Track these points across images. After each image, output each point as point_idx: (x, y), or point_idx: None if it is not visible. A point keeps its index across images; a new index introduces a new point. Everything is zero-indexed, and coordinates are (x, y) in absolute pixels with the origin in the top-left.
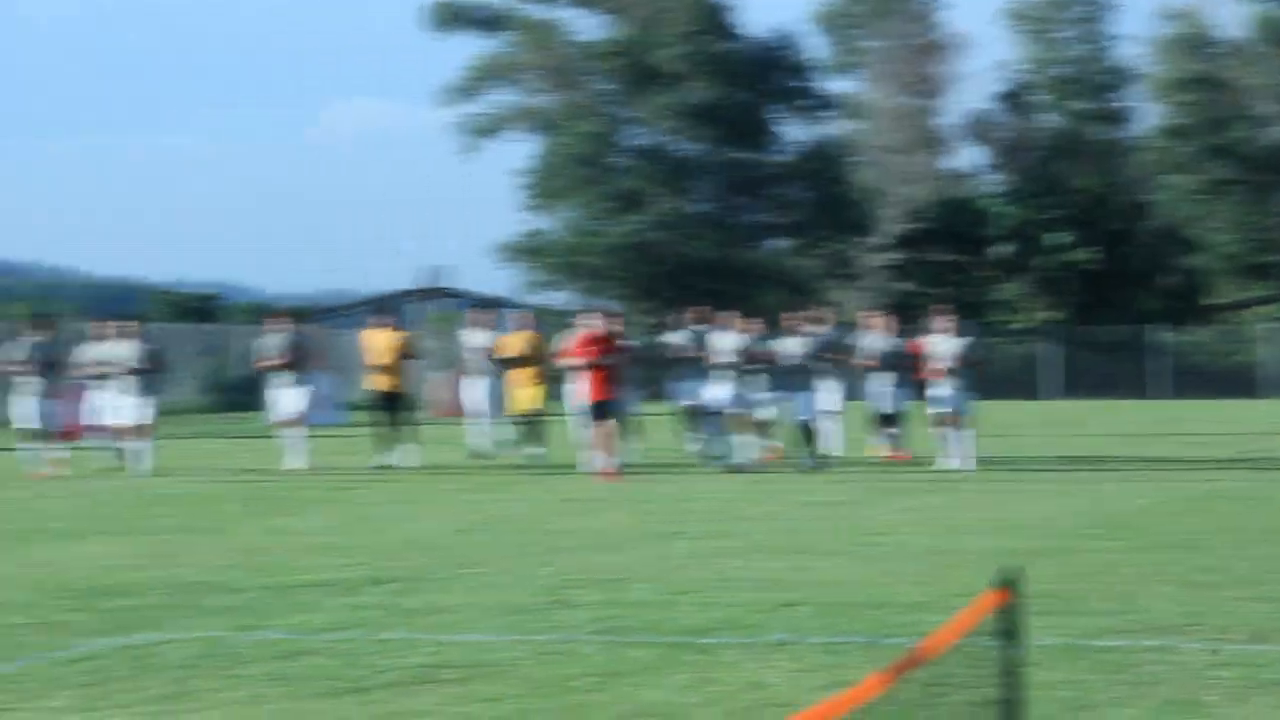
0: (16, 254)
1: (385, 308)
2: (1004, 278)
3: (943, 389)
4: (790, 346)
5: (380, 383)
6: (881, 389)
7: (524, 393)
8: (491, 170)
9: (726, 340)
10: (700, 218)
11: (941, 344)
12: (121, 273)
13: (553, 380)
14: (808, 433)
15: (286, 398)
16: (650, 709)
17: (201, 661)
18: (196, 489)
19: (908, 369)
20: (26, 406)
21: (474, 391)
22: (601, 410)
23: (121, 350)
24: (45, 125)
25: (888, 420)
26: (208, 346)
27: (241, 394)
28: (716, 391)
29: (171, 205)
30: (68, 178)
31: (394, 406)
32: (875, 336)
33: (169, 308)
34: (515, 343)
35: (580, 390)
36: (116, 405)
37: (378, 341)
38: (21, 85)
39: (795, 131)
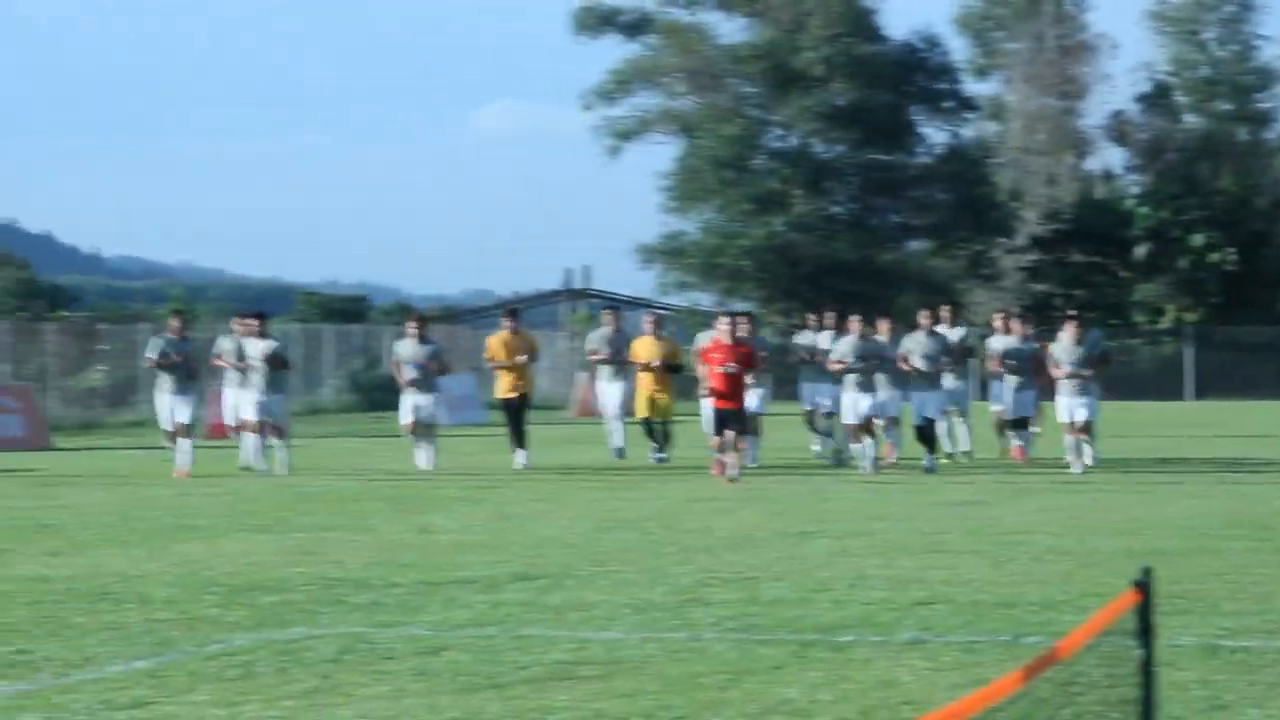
0: (168, 256)
1: (513, 312)
2: (1142, 279)
3: (1066, 395)
4: (912, 345)
5: (504, 387)
6: (1009, 391)
7: (651, 397)
8: (634, 172)
9: (847, 345)
10: (840, 219)
11: (1065, 350)
12: (272, 274)
13: (685, 381)
14: (928, 433)
15: (413, 403)
16: (782, 706)
17: (345, 657)
18: (340, 487)
19: (1035, 371)
20: (163, 404)
21: (606, 393)
22: (725, 418)
23: (250, 348)
24: (199, 130)
25: (1018, 422)
26: (353, 347)
27: (385, 393)
28: (840, 396)
29: (322, 207)
30: (220, 180)
31: (518, 409)
32: (1006, 338)
33: (317, 309)
34: (643, 349)
35: (708, 395)
36: (248, 403)
37: (501, 345)
38: (174, 91)
39: (936, 133)
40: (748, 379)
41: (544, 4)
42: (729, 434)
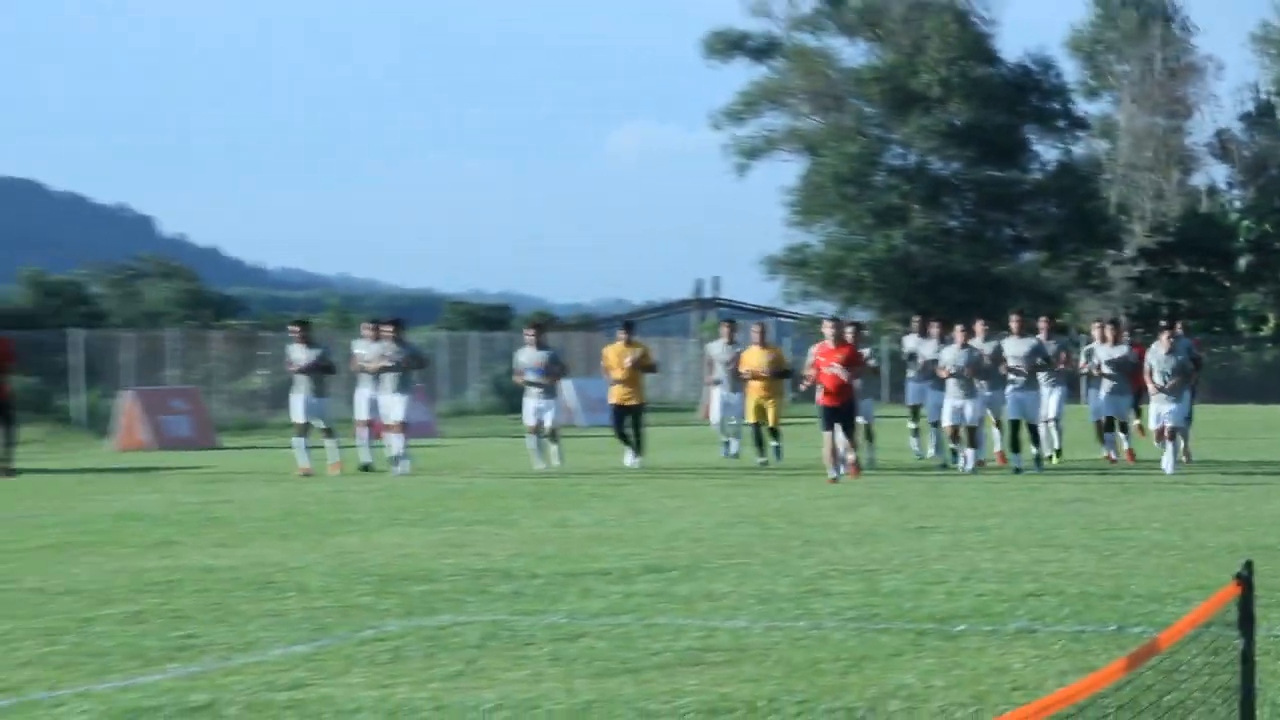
0: (327, 268)
1: (628, 325)
2: (1244, 288)
3: (1157, 403)
4: (1012, 349)
5: (617, 394)
6: (1103, 395)
7: (759, 403)
8: (761, 188)
9: (949, 354)
10: (956, 232)
11: (1158, 359)
12: (422, 285)
13: (795, 388)
14: (1022, 434)
15: (534, 406)
16: (899, 691)
17: (488, 643)
18: (484, 484)
19: (1130, 376)
20: (296, 403)
21: (717, 400)
22: (833, 415)
23: (381, 350)
24: (358, 153)
25: (1111, 425)
26: (496, 353)
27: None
28: (941, 401)
29: (469, 222)
30: (376, 199)
31: (631, 415)
32: (1102, 346)
33: (463, 317)
34: (752, 357)
35: (817, 397)
36: (379, 403)
37: (615, 355)
38: (337, 117)
39: (1048, 151)
40: (857, 384)
41: (676, 30)
42: (838, 430)
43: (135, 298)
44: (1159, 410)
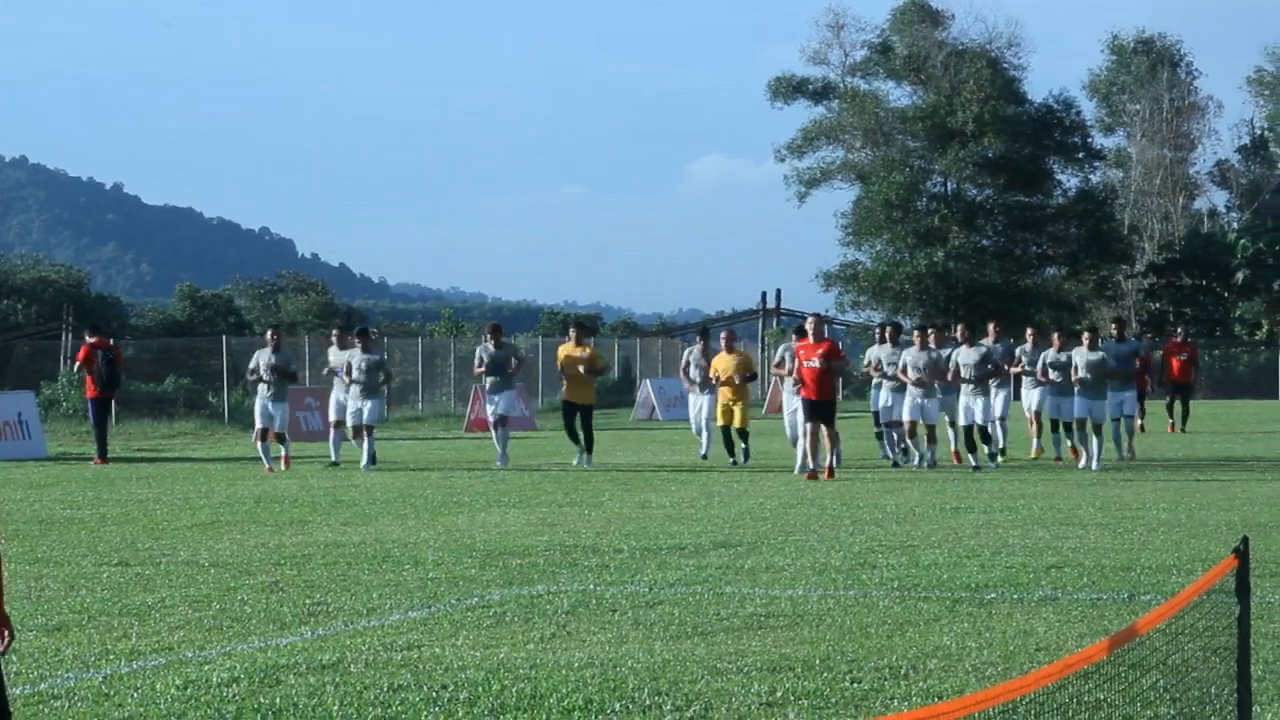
0: (440, 283)
1: (580, 325)
2: (1241, 299)
3: (1080, 398)
4: (967, 357)
5: (568, 393)
6: (1041, 396)
7: (727, 407)
8: (818, 212)
9: (908, 357)
10: (989, 250)
11: (1081, 355)
12: (523, 297)
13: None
14: (978, 435)
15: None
16: (937, 651)
17: (578, 609)
18: (575, 470)
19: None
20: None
21: (694, 405)
22: (813, 408)
23: (352, 357)
24: (469, 181)
25: (1055, 426)
26: None
27: (613, 394)
28: (900, 402)
29: (565, 241)
30: (484, 222)
31: (581, 412)
32: (1047, 351)
33: (558, 325)
34: (720, 363)
35: (799, 392)
36: (347, 406)
37: (570, 357)
38: (454, 152)
39: (1069, 179)
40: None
41: (745, 76)
42: (816, 424)
43: (275, 309)
44: (1083, 405)
